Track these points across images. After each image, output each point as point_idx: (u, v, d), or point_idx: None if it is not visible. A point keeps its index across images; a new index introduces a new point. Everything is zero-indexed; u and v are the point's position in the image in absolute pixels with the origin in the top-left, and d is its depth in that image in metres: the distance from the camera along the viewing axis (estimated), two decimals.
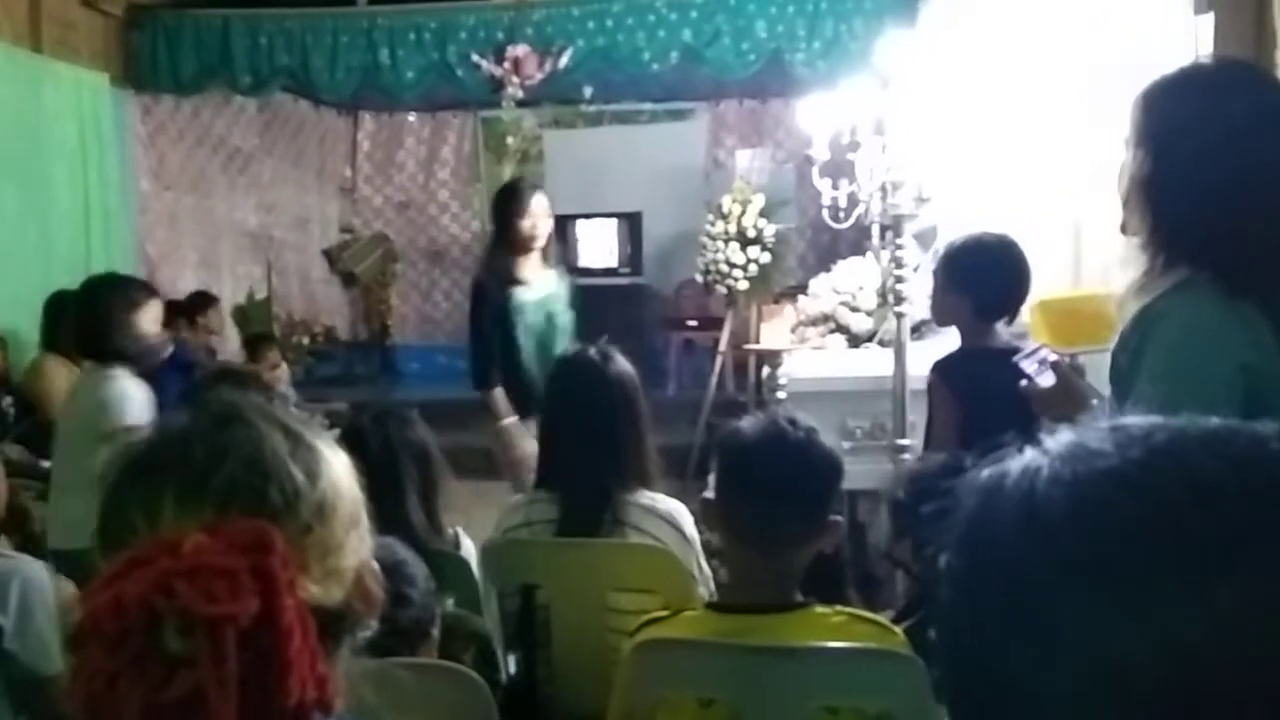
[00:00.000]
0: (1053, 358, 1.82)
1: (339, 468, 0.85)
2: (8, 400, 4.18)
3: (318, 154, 8.51)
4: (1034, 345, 1.94)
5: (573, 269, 7.22)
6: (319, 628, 0.75)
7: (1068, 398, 1.76)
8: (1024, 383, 1.83)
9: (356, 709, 0.83)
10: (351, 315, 8.84)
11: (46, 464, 3.90)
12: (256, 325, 7.12)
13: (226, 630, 0.69)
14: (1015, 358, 1.88)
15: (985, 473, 0.54)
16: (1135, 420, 0.53)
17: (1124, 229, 1.50)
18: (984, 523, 0.53)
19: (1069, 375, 1.82)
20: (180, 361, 4.08)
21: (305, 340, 7.91)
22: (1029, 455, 0.53)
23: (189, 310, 5.62)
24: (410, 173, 8.89)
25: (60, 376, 4.41)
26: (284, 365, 5.96)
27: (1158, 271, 1.41)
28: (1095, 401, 1.69)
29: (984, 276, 2.45)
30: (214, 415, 0.85)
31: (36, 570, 1.89)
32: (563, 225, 7.36)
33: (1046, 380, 1.79)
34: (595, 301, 6.94)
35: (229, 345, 6.69)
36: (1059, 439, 0.53)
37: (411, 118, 8.72)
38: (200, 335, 5.54)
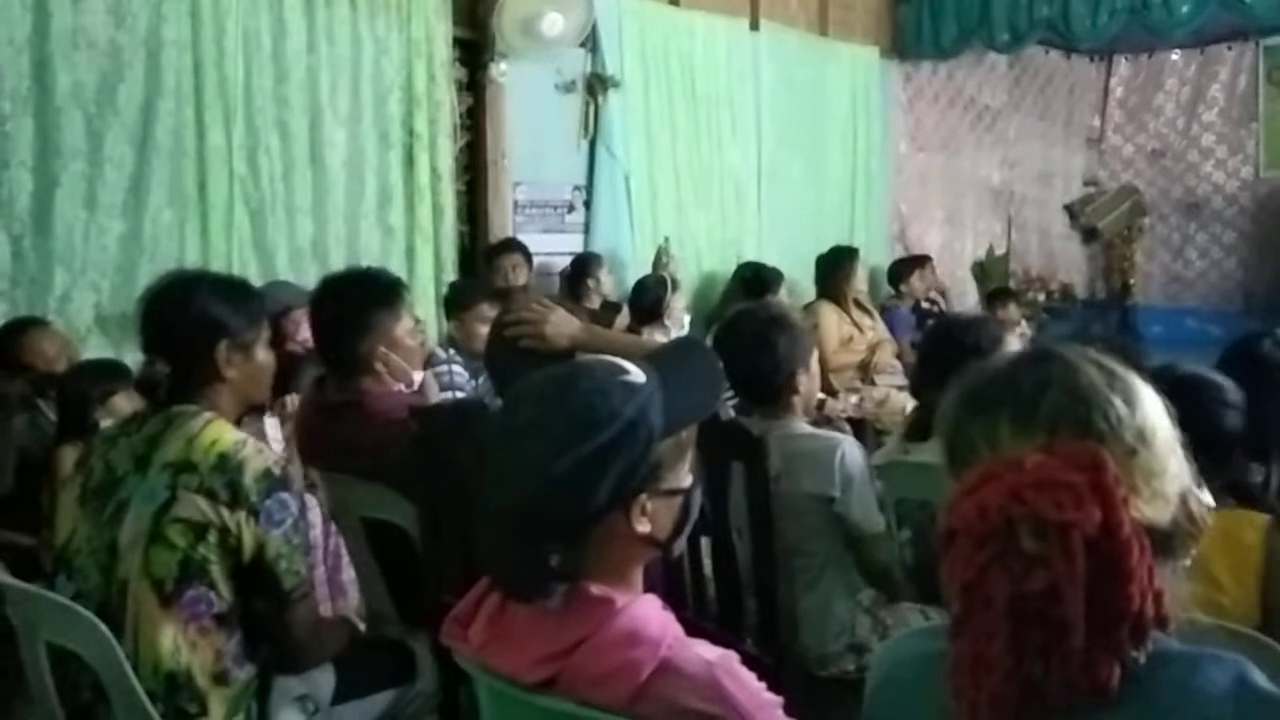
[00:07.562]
0: None
1: (1151, 397, 0.92)
2: None
3: (1065, 105, 8.26)
4: None
5: None
6: (1151, 546, 0.81)
7: None
8: None
9: (1181, 633, 0.87)
10: (1090, 272, 8.47)
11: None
12: (994, 280, 7.25)
13: (1074, 534, 0.79)
14: None
15: None
16: None
17: None
18: None
19: None
20: None
21: (1041, 297, 7.82)
22: None
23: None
24: (1168, 117, 8.13)
25: (831, 320, 5.09)
26: (1022, 321, 6.00)
27: None
28: None
29: None
30: (1031, 355, 0.97)
31: None
32: None
33: None
34: None
35: (968, 300, 6.95)
36: None
37: (1175, 55, 7.94)
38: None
